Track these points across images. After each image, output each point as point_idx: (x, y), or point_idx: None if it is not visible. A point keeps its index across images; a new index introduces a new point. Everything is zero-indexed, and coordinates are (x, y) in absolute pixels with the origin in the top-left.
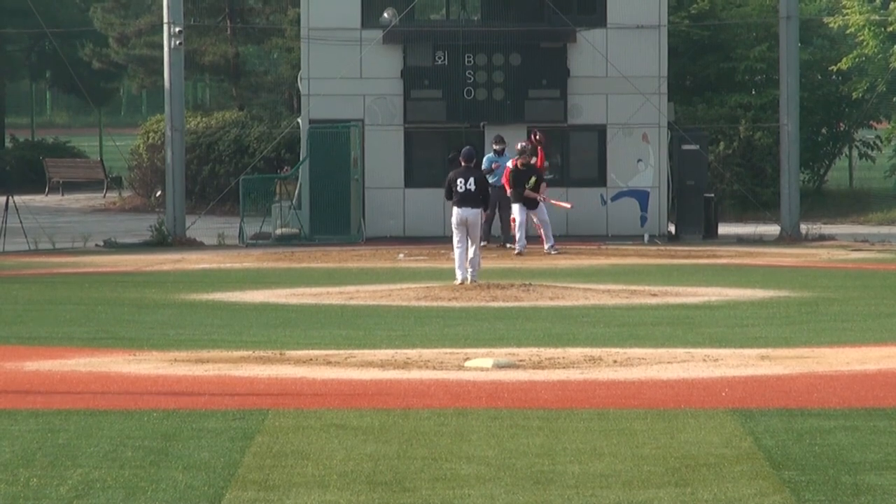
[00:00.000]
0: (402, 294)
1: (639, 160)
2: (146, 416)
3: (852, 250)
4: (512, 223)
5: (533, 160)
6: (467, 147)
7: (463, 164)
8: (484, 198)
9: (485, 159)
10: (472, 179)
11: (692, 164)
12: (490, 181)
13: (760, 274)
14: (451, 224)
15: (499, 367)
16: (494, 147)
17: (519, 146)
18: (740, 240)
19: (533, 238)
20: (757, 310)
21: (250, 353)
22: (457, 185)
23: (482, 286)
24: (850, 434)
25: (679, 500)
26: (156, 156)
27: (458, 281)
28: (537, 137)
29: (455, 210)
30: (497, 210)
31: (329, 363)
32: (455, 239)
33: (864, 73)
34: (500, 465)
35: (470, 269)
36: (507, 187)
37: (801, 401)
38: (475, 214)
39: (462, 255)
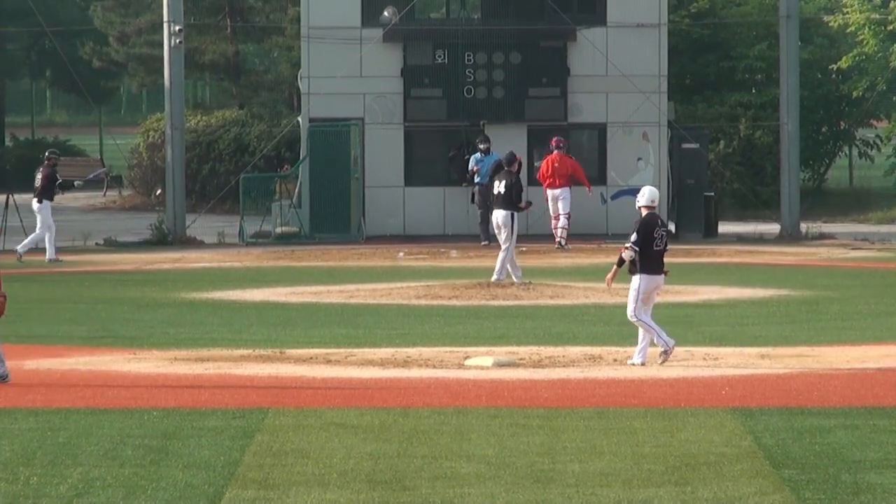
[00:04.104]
0: (402, 293)
1: (639, 159)
2: (146, 415)
3: (852, 249)
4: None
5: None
6: (509, 151)
7: (505, 167)
8: (512, 201)
9: (471, 159)
10: (502, 183)
11: (692, 162)
12: (475, 180)
13: (760, 272)
14: (451, 223)
15: (499, 365)
16: (480, 147)
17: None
18: (740, 238)
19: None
20: (757, 308)
21: (250, 351)
22: (493, 189)
23: (482, 284)
24: (849, 432)
25: (679, 499)
26: (156, 154)
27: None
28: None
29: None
30: (488, 209)
31: (329, 362)
32: (500, 240)
33: (864, 71)
34: (501, 463)
35: (496, 267)
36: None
37: (801, 399)
38: (503, 216)
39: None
